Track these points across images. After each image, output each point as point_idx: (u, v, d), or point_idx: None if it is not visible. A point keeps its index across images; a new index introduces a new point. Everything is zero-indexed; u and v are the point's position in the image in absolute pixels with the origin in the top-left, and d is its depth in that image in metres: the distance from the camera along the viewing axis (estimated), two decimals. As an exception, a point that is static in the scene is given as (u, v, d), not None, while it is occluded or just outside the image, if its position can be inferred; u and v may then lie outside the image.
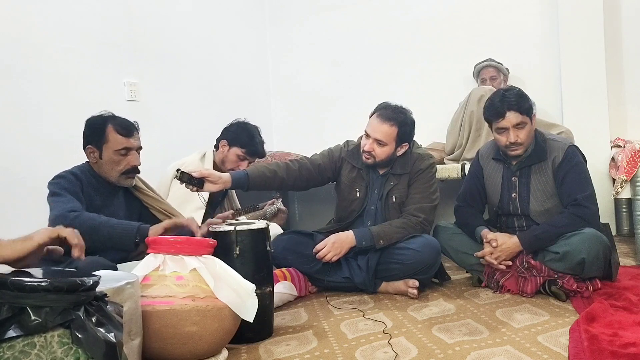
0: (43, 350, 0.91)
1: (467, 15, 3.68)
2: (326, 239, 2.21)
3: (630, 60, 3.33)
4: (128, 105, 2.95)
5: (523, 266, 2.11)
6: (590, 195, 2.10)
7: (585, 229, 2.02)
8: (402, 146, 2.30)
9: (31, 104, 2.46)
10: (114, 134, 1.97)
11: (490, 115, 2.17)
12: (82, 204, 1.89)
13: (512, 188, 2.23)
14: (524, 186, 2.20)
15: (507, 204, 2.24)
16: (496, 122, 2.15)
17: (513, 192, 2.23)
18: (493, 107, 2.15)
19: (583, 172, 2.14)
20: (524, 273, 2.11)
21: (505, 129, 2.13)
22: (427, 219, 2.28)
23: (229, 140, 2.58)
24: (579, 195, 2.08)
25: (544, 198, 2.16)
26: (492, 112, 2.15)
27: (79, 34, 2.71)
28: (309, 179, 2.36)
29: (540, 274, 2.08)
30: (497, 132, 2.17)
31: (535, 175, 2.18)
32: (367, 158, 2.30)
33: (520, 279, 2.12)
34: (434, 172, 2.37)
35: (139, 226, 1.83)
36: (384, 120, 2.25)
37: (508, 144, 2.14)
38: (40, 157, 2.44)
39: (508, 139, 2.13)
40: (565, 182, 2.12)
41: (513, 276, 2.14)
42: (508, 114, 2.10)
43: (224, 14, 3.86)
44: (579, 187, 2.10)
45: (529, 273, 2.10)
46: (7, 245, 0.99)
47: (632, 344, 1.41)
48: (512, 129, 2.12)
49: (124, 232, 1.81)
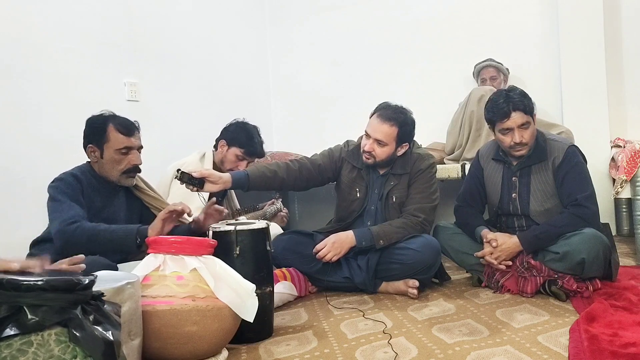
0: (40, 349, 0.91)
1: (467, 15, 3.68)
2: (326, 239, 2.21)
3: (630, 60, 3.33)
4: (128, 105, 2.95)
5: (523, 266, 2.11)
6: (590, 195, 2.10)
7: (585, 229, 2.02)
8: (402, 146, 2.30)
9: (31, 104, 2.46)
10: (115, 133, 1.97)
11: (494, 115, 2.15)
12: (83, 207, 1.89)
13: (512, 188, 2.23)
14: (524, 186, 2.20)
15: (507, 204, 2.24)
16: (500, 123, 2.13)
17: (513, 192, 2.23)
18: (497, 108, 2.12)
19: (583, 172, 2.14)
20: (524, 273, 2.11)
21: (510, 129, 2.12)
22: (427, 219, 2.28)
23: (227, 140, 2.58)
24: (579, 196, 2.08)
25: (543, 198, 2.16)
26: (497, 112, 2.13)
27: (79, 34, 2.71)
28: (309, 179, 2.36)
29: (540, 274, 2.08)
30: (501, 132, 2.15)
31: (535, 176, 2.18)
32: (368, 158, 2.30)
33: (520, 279, 2.11)
34: (434, 172, 2.37)
35: (139, 228, 1.84)
36: (384, 121, 2.24)
37: (513, 145, 2.13)
38: (40, 157, 2.44)
39: (513, 139, 2.12)
40: (565, 182, 2.12)
41: (513, 276, 2.14)
42: (513, 114, 2.09)
43: (224, 14, 3.86)
44: (579, 187, 2.10)
45: (529, 273, 2.10)
46: None
47: (632, 344, 1.40)
48: (517, 130, 2.11)
49: (125, 235, 1.82)
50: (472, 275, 2.34)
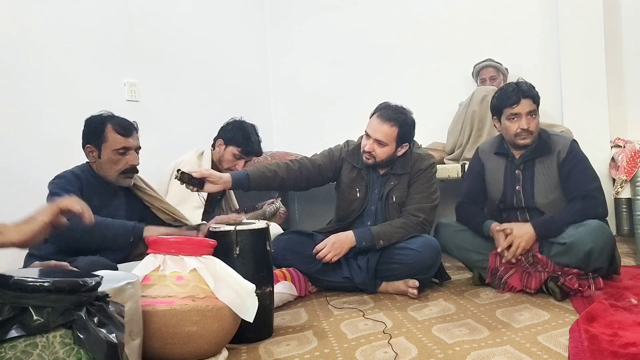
0: (45, 351, 0.91)
1: (467, 15, 3.68)
2: (326, 239, 2.21)
3: (630, 60, 3.33)
4: (128, 105, 2.95)
5: (528, 261, 2.11)
6: (599, 186, 2.15)
7: (590, 220, 2.04)
8: (402, 146, 2.30)
9: (31, 104, 2.46)
10: (113, 134, 1.97)
11: (503, 101, 2.20)
12: None
13: (515, 181, 2.24)
14: (527, 179, 2.22)
15: (510, 197, 2.25)
16: (510, 108, 2.17)
17: (517, 185, 2.23)
18: (506, 94, 2.19)
19: (589, 166, 2.19)
20: (528, 268, 2.11)
21: (518, 115, 2.16)
22: (427, 218, 2.28)
23: (225, 140, 2.58)
24: (589, 186, 2.12)
25: (547, 190, 2.19)
26: (506, 98, 2.18)
27: (79, 34, 2.71)
28: (309, 179, 2.36)
29: (546, 269, 2.08)
30: (509, 119, 2.19)
31: (539, 168, 2.21)
32: (368, 158, 2.30)
33: (524, 274, 2.11)
34: (434, 172, 2.37)
35: (134, 225, 1.84)
36: (384, 121, 2.25)
37: (519, 131, 2.17)
38: (40, 157, 2.44)
39: (520, 126, 2.16)
40: (572, 175, 2.15)
41: (517, 272, 2.14)
42: (523, 100, 2.15)
43: (224, 14, 3.86)
44: (587, 179, 2.14)
45: (534, 269, 2.10)
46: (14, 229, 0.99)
47: (632, 344, 1.41)
48: (525, 116, 2.15)
49: (119, 231, 1.83)
50: (473, 273, 2.34)
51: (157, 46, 3.21)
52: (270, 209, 2.85)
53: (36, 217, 1.02)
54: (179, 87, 3.36)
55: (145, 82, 3.09)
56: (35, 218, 1.02)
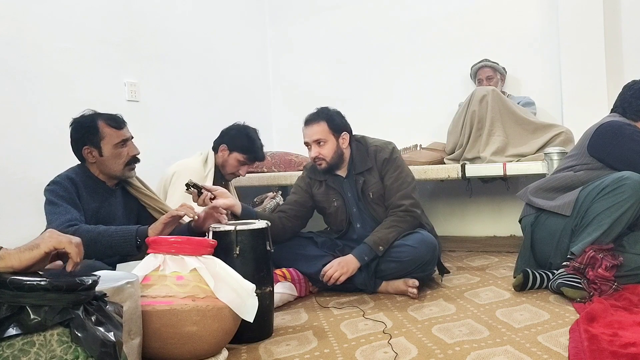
0: (42, 349, 0.91)
1: (467, 15, 3.69)
2: (331, 262, 2.22)
3: (630, 60, 3.33)
4: (128, 105, 2.95)
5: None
6: None
7: None
8: (342, 137, 2.34)
9: (30, 104, 2.46)
10: (108, 129, 1.96)
11: None
12: (79, 210, 1.89)
13: None
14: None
15: None
16: None
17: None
18: None
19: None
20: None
21: None
22: (412, 202, 2.29)
23: (229, 145, 2.57)
24: None
25: None
26: None
27: (78, 34, 2.71)
28: (302, 216, 2.43)
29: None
30: None
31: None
32: (320, 164, 2.33)
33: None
34: (399, 156, 2.40)
35: (137, 229, 1.83)
36: (311, 124, 2.33)
37: None
38: (40, 157, 2.44)
39: None
40: None
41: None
42: None
43: (224, 14, 3.86)
44: None
45: None
46: (15, 255, 0.99)
47: (632, 344, 1.40)
48: None
49: (124, 237, 1.81)
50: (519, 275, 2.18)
51: (157, 46, 3.21)
52: (271, 205, 2.85)
53: (39, 246, 1.02)
54: (179, 87, 3.36)
55: (145, 82, 3.09)
56: (38, 246, 1.02)
